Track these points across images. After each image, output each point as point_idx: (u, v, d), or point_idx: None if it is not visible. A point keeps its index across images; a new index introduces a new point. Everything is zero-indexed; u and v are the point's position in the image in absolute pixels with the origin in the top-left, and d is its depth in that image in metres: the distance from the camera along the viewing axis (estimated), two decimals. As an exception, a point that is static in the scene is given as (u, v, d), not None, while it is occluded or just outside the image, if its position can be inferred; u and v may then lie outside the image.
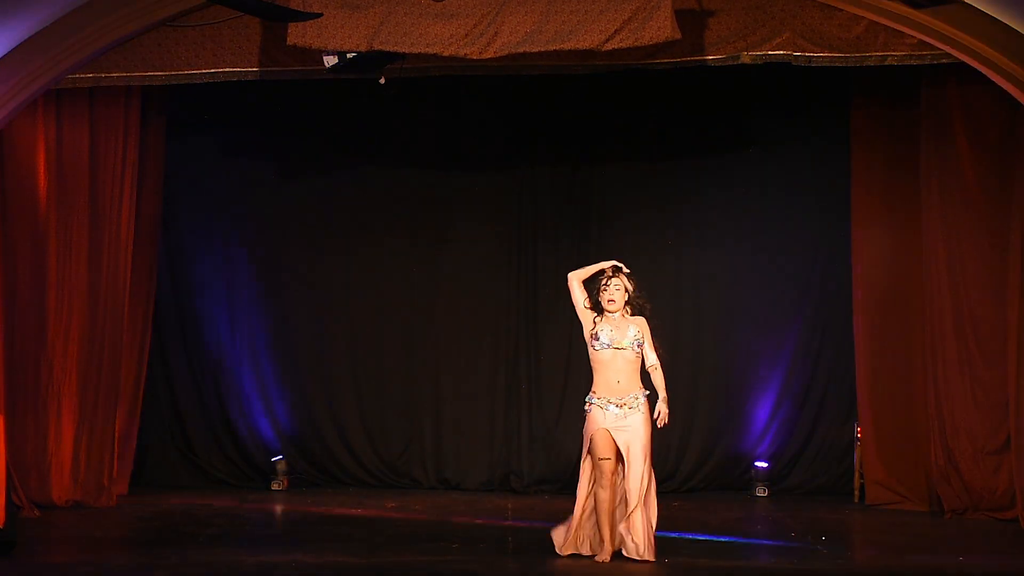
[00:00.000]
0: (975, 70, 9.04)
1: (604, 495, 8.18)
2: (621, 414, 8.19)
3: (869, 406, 10.96)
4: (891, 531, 9.85)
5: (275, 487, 11.56)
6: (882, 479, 10.90)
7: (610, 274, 8.39)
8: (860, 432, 11.09)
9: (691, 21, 9.05)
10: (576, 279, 8.49)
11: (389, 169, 11.84)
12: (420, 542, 9.05)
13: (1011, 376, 10.01)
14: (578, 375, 11.60)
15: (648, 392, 8.32)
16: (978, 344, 10.37)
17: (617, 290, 8.35)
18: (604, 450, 8.19)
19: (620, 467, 8.24)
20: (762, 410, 11.67)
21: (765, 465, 11.49)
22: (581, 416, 8.43)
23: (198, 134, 11.71)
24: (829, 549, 9.03)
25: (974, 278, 10.39)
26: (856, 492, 11.20)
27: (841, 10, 9.15)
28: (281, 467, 11.62)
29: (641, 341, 8.28)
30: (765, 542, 9.79)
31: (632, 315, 8.37)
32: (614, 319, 8.33)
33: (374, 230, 11.86)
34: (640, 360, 8.31)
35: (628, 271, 8.44)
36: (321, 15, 8.75)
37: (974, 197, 10.34)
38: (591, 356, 8.38)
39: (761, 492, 11.39)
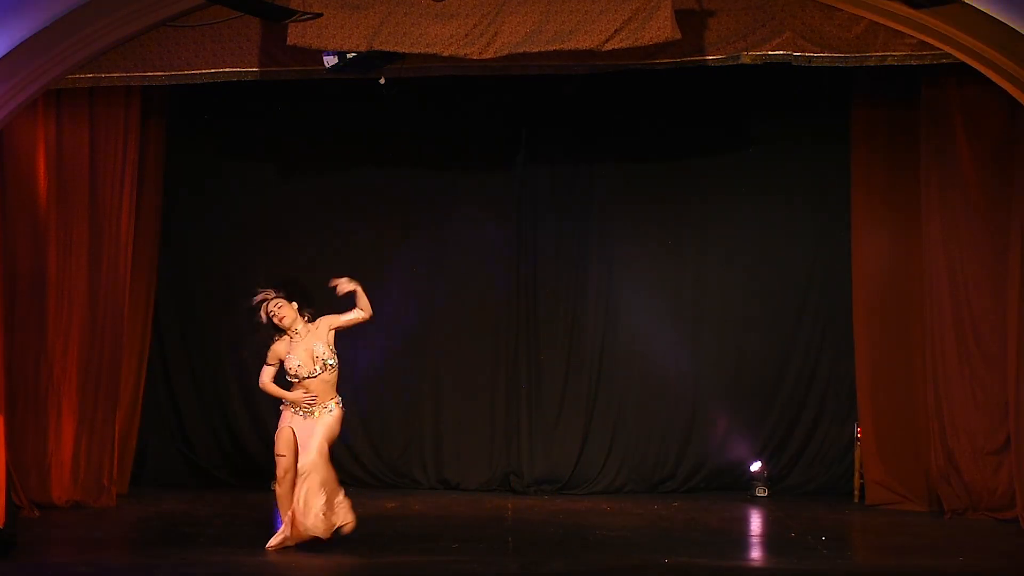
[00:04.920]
0: (975, 70, 9.05)
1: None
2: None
3: (869, 406, 10.97)
4: (891, 531, 9.85)
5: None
6: (882, 479, 10.90)
7: (267, 300, 8.58)
8: (860, 432, 11.09)
9: (691, 21, 9.05)
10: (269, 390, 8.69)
11: (389, 168, 11.83)
12: (420, 542, 9.05)
13: (1011, 376, 10.01)
14: (578, 375, 11.64)
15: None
16: (978, 344, 10.37)
17: (279, 307, 8.54)
18: (283, 447, 8.66)
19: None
20: (762, 410, 11.65)
21: (764, 465, 11.49)
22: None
23: (198, 134, 11.70)
24: (829, 549, 9.03)
25: (974, 278, 10.38)
26: (856, 492, 11.20)
27: (841, 10, 9.16)
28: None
29: (332, 347, 8.53)
30: (765, 542, 9.80)
31: (313, 320, 8.56)
32: (299, 340, 8.55)
33: (374, 229, 11.84)
34: (336, 372, 8.58)
35: (278, 289, 8.63)
36: (321, 15, 8.76)
37: (974, 197, 10.34)
38: None
39: (761, 492, 11.38)
